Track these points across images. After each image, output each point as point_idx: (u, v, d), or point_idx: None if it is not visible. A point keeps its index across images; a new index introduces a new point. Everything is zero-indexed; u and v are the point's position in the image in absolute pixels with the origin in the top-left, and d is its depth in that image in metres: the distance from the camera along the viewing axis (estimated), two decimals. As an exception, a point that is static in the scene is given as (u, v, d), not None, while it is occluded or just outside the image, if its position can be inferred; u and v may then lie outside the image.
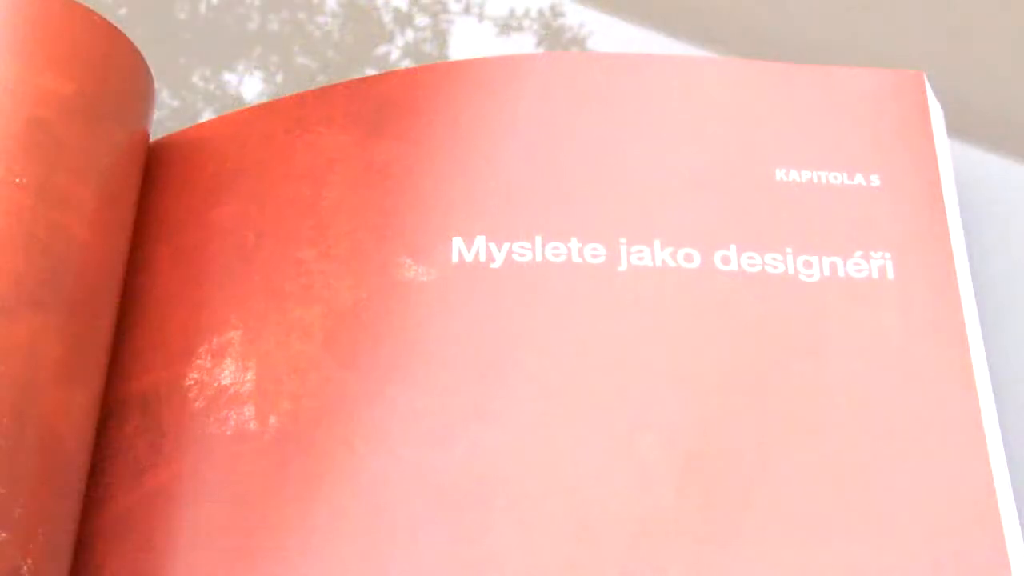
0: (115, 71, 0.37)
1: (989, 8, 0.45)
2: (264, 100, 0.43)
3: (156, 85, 0.43)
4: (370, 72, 0.43)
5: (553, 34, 0.44)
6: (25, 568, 0.30)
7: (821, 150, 0.38)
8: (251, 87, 0.43)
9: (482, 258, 0.36)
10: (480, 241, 0.36)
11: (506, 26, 0.44)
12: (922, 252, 0.36)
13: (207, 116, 0.42)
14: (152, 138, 0.42)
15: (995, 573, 0.32)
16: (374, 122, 0.38)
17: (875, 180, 0.37)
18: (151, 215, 0.38)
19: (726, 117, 0.38)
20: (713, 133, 0.38)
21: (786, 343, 0.35)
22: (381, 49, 0.44)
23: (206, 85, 0.43)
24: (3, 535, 0.30)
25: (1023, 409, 0.37)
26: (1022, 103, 0.43)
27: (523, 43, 0.44)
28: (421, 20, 0.44)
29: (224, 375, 0.35)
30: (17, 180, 0.33)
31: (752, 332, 0.35)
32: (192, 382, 0.35)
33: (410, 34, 0.44)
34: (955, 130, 0.42)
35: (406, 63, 0.43)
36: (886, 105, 0.39)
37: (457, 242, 0.36)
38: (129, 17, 0.44)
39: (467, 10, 0.45)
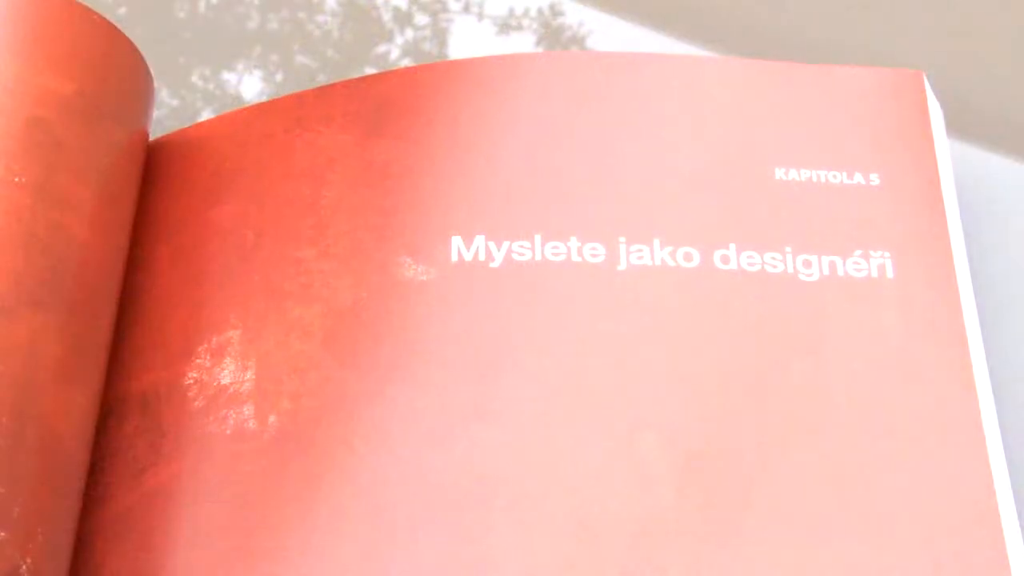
0: (115, 70, 0.37)
1: (989, 8, 0.45)
2: (263, 99, 0.43)
3: (156, 84, 0.43)
4: (370, 71, 0.43)
5: (552, 33, 0.44)
6: (24, 567, 0.30)
7: (820, 149, 0.38)
8: (250, 86, 0.43)
9: (481, 257, 0.36)
10: (479, 240, 0.36)
11: (505, 25, 0.44)
12: (922, 251, 0.36)
13: (206, 115, 0.42)
14: (151, 137, 0.42)
15: (995, 573, 0.32)
16: (373, 121, 0.38)
17: (874, 179, 0.37)
18: (150, 214, 0.38)
19: (725, 116, 0.38)
20: (712, 132, 0.38)
21: (786, 342, 0.35)
22: (380, 48, 0.44)
23: (205, 84, 0.43)
24: (2, 534, 0.30)
25: (1023, 409, 0.37)
26: (1022, 103, 0.43)
27: (522, 42, 0.44)
28: (421, 19, 0.44)
29: (224, 374, 0.35)
30: (17, 179, 0.33)
31: (752, 331, 0.35)
32: (192, 381, 0.35)
33: (409, 33, 0.44)
34: (954, 129, 0.42)
35: (406, 62, 0.43)
36: (886, 104, 0.39)
37: (456, 241, 0.36)
38: (129, 16, 0.44)
39: (466, 9, 0.45)
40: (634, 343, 0.35)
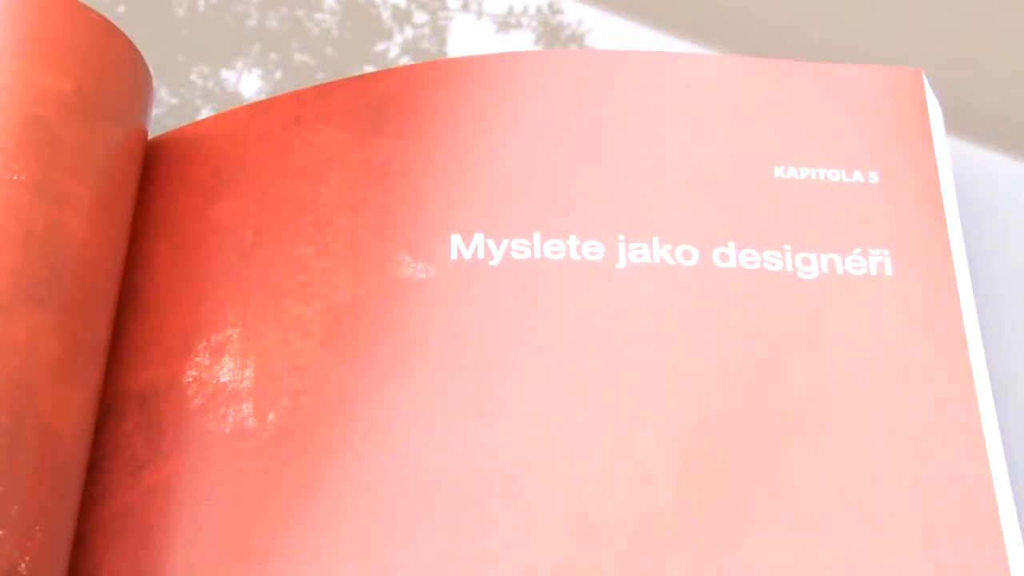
0: (113, 69, 0.36)
1: (989, 8, 0.45)
2: (262, 97, 0.42)
3: (155, 82, 0.43)
4: (368, 69, 0.43)
5: (552, 31, 0.44)
6: (23, 566, 0.30)
7: (820, 147, 0.38)
8: (249, 84, 0.43)
9: (480, 255, 0.36)
10: (479, 238, 0.36)
11: (505, 23, 0.44)
12: (921, 249, 0.36)
13: (205, 113, 0.42)
14: (150, 135, 0.42)
15: (994, 573, 0.32)
16: (372, 119, 0.38)
17: (874, 177, 0.37)
18: (149, 212, 0.38)
19: (725, 114, 0.38)
20: (712, 130, 0.38)
21: (785, 340, 0.35)
22: (380, 46, 0.44)
23: (204, 82, 0.43)
24: (1, 532, 0.30)
25: (1023, 408, 0.37)
26: (1021, 101, 0.43)
27: (522, 40, 0.44)
28: (420, 17, 0.44)
29: (223, 372, 0.35)
30: (15, 178, 0.33)
31: (751, 329, 0.35)
32: (191, 379, 0.35)
33: (409, 31, 0.44)
34: (954, 127, 0.42)
35: (405, 60, 0.43)
36: (885, 102, 0.39)
37: (456, 239, 0.36)
38: (128, 14, 0.44)
39: (465, 7, 0.45)
40: (633, 341, 0.35)
